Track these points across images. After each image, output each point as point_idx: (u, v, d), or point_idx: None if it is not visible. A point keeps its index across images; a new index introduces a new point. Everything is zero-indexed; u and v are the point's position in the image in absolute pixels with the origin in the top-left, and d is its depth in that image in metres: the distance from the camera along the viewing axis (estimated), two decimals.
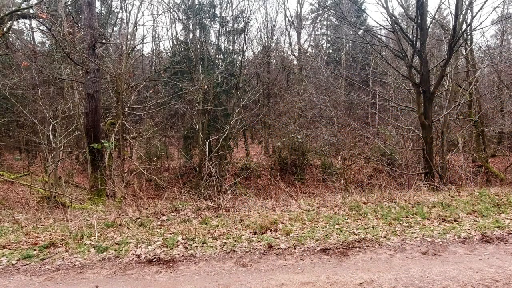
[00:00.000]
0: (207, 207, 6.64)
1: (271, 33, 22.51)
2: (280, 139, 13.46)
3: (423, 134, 10.74)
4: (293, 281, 3.60)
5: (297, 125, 14.31)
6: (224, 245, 4.76)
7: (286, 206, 6.76)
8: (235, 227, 5.46)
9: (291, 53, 23.68)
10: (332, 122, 14.70)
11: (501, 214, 5.98)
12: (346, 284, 3.51)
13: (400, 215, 5.91)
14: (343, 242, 4.76)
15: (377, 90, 16.79)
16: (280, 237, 5.00)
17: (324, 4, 19.29)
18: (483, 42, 21.67)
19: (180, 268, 4.09)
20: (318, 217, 5.92)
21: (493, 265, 3.93)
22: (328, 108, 15.07)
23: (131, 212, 6.37)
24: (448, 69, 11.55)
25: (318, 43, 27.77)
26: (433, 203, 6.43)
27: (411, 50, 11.46)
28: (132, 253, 4.57)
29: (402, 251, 4.46)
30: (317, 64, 17.45)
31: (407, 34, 11.80)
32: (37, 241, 4.95)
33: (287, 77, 20.69)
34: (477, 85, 14.14)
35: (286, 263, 4.14)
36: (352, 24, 14.32)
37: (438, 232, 5.11)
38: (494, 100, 15.92)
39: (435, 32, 16.35)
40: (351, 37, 16.84)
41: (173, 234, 5.22)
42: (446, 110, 11.82)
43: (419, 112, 10.77)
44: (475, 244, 4.67)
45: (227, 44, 22.98)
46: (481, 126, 13.89)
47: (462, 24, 10.67)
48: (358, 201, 6.70)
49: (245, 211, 6.34)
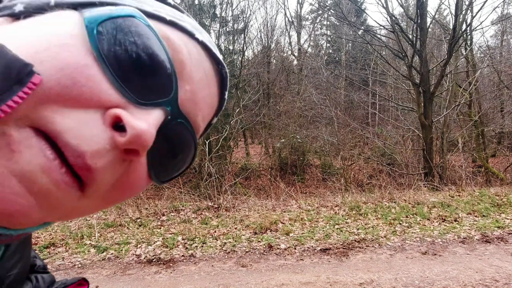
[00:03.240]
0: (207, 207, 6.65)
1: (271, 33, 22.53)
2: (279, 139, 13.46)
3: (423, 134, 10.75)
4: (293, 281, 3.60)
5: (297, 125, 14.30)
6: (224, 245, 4.76)
7: (286, 206, 6.77)
8: (235, 227, 5.46)
9: (291, 53, 23.71)
10: (332, 122, 14.69)
11: (501, 214, 5.98)
12: (346, 284, 3.51)
13: (400, 215, 5.91)
14: (343, 242, 4.76)
15: (377, 90, 16.78)
16: (280, 237, 5.00)
17: (324, 4, 19.29)
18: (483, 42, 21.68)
19: (180, 268, 4.09)
20: (318, 217, 5.92)
21: (493, 265, 3.93)
22: (328, 108, 15.07)
23: (131, 212, 6.37)
24: (448, 69, 11.55)
25: (318, 43, 27.78)
26: (433, 203, 6.43)
27: (411, 50, 11.47)
28: (132, 253, 4.57)
29: (402, 251, 4.46)
30: (317, 64, 17.46)
31: (407, 34, 11.81)
32: (37, 241, 4.95)
33: (287, 77, 20.71)
34: (477, 85, 14.14)
35: (286, 263, 4.14)
36: (352, 24, 14.32)
37: (438, 232, 5.11)
38: (494, 100, 15.91)
39: (435, 32, 16.35)
40: (351, 37, 16.84)
41: (173, 234, 5.22)
42: (446, 110, 11.82)
43: (419, 112, 10.78)
44: (475, 244, 4.67)
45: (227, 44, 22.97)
46: (481, 126, 13.89)
47: (462, 24, 10.69)
48: (358, 201, 6.71)
49: (245, 211, 6.35)
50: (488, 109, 15.80)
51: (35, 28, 0.33)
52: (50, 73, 0.29)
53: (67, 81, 0.29)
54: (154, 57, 0.34)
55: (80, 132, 0.30)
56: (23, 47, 0.30)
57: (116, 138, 0.31)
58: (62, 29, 0.32)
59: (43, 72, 0.29)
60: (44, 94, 0.29)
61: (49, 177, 0.29)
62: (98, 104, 0.31)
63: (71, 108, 0.30)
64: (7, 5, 0.36)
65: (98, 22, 0.33)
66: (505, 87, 14.66)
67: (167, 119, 0.35)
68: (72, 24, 0.33)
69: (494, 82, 16.70)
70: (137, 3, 0.38)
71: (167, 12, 0.40)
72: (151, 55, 0.34)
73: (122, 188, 0.36)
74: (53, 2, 0.35)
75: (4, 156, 0.27)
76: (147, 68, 0.34)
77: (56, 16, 0.34)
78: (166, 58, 0.35)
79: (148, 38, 0.34)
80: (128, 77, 0.33)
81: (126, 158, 0.33)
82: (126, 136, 0.31)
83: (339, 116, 14.98)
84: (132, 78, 0.33)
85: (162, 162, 0.39)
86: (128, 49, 0.33)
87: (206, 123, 0.45)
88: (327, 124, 14.98)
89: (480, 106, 14.70)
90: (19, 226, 0.32)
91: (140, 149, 0.32)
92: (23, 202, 0.29)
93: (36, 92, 0.28)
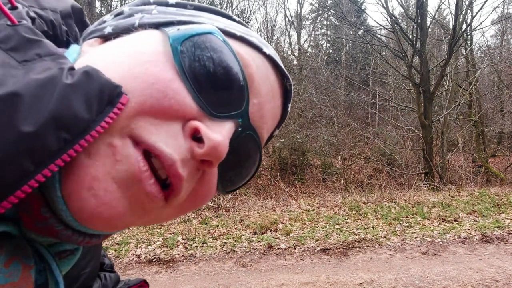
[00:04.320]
0: (207, 207, 6.65)
1: (271, 33, 22.52)
2: (279, 139, 13.45)
3: (423, 134, 10.75)
4: (293, 281, 3.60)
5: (297, 125, 14.29)
6: (224, 245, 4.76)
7: (286, 206, 6.77)
8: (235, 227, 5.46)
9: (291, 53, 23.71)
10: (332, 122, 14.67)
11: (501, 214, 5.98)
12: (346, 284, 3.51)
13: (400, 215, 5.91)
14: (343, 242, 4.76)
15: (377, 90, 16.77)
16: (280, 237, 5.00)
17: (324, 4, 19.28)
18: (483, 42, 21.66)
19: (180, 268, 4.09)
20: (318, 217, 5.92)
21: (493, 265, 3.93)
22: (328, 108, 15.06)
23: None
24: (448, 69, 11.55)
25: (318, 43, 27.78)
26: (433, 203, 6.43)
27: (411, 50, 11.47)
28: (132, 253, 4.58)
29: (402, 251, 4.46)
30: (317, 64, 17.45)
31: (407, 34, 11.81)
32: None
33: None
34: (477, 85, 14.13)
35: (286, 263, 4.14)
36: (352, 24, 14.32)
37: (438, 232, 5.11)
38: (494, 100, 15.89)
39: (435, 32, 16.35)
40: (351, 37, 16.83)
41: (173, 234, 5.22)
42: (446, 110, 11.82)
43: (419, 112, 10.78)
44: (475, 244, 4.67)
45: None
46: (481, 126, 13.87)
47: (462, 24, 10.69)
48: (358, 201, 6.71)
49: (245, 211, 6.35)
50: (488, 109, 15.79)
51: (125, 46, 0.36)
52: (143, 87, 0.32)
53: (158, 94, 0.32)
54: (229, 71, 0.36)
55: (171, 142, 0.32)
56: (117, 64, 0.33)
57: (194, 149, 0.33)
58: (149, 47, 0.35)
59: (137, 87, 0.32)
60: (140, 106, 0.31)
61: (140, 185, 0.31)
62: (182, 116, 0.34)
63: (161, 120, 0.32)
64: (98, 28, 0.40)
65: (182, 40, 0.35)
66: (505, 87, 14.66)
67: (238, 131, 0.37)
68: (157, 42, 0.36)
69: (494, 82, 16.69)
70: (210, 21, 0.41)
71: (236, 28, 0.42)
72: (226, 69, 0.36)
73: (196, 197, 0.38)
74: (137, 23, 0.39)
75: (109, 164, 0.30)
76: (223, 82, 0.36)
77: (141, 35, 0.37)
78: (239, 71, 0.37)
79: (224, 53, 0.36)
80: (205, 90, 0.35)
81: (200, 168, 0.35)
82: (203, 148, 0.33)
83: (339, 116, 14.97)
84: (209, 91, 0.35)
85: (230, 172, 0.41)
86: (206, 64, 0.35)
87: (269, 134, 0.46)
88: (327, 124, 14.96)
89: (480, 106, 14.69)
90: (113, 230, 0.35)
91: (215, 161, 0.34)
92: (120, 208, 0.31)
93: (130, 105, 0.31)
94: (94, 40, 0.39)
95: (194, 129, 0.33)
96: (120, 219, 0.32)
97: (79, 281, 0.51)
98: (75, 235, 0.34)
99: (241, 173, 0.42)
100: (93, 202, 0.30)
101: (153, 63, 0.33)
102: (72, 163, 0.29)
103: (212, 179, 0.38)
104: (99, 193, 0.30)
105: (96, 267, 0.56)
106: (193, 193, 0.37)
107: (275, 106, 0.44)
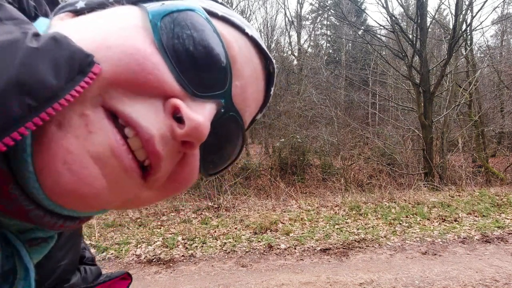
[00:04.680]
0: (207, 207, 6.65)
1: (271, 33, 22.51)
2: (279, 139, 13.45)
3: (423, 134, 10.75)
4: (293, 281, 3.60)
5: (297, 125, 14.28)
6: (224, 245, 4.76)
7: (286, 206, 6.76)
8: (235, 227, 5.46)
9: (291, 53, 23.70)
10: (332, 122, 14.67)
11: (501, 214, 5.98)
12: (346, 284, 3.51)
13: (400, 215, 5.91)
14: (343, 242, 4.76)
15: (377, 90, 16.76)
16: (280, 237, 5.00)
17: (324, 4, 19.28)
18: (483, 42, 21.66)
19: (180, 268, 4.09)
20: (318, 217, 5.92)
21: (493, 265, 3.93)
22: (328, 108, 15.05)
23: (131, 212, 6.37)
24: (448, 69, 11.54)
25: (318, 43, 27.78)
26: (433, 203, 6.43)
27: (411, 50, 11.46)
28: (132, 253, 4.57)
29: (402, 251, 4.46)
30: (317, 64, 17.44)
31: (407, 34, 11.81)
32: None
33: (287, 77, 20.70)
34: (477, 85, 14.12)
35: (286, 263, 4.14)
36: (352, 24, 14.32)
37: (438, 232, 5.11)
38: (494, 100, 15.88)
39: (435, 32, 16.34)
40: (351, 37, 16.83)
41: (173, 234, 5.22)
42: (446, 110, 11.81)
43: (419, 112, 10.78)
44: (475, 244, 4.67)
45: None
46: (481, 126, 13.87)
47: (462, 24, 10.68)
48: (358, 201, 6.70)
49: (245, 211, 6.35)
50: (488, 109, 15.78)
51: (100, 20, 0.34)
52: (120, 57, 0.30)
53: (136, 66, 0.30)
54: (211, 50, 0.35)
55: (148, 116, 0.31)
56: (89, 36, 0.31)
57: (175, 129, 0.32)
58: (128, 22, 0.34)
59: (112, 56, 0.30)
60: (114, 76, 0.30)
61: (118, 160, 0.30)
62: (161, 93, 0.32)
63: (138, 94, 0.31)
64: (70, 3, 0.38)
65: (162, 16, 0.34)
66: (505, 87, 14.66)
67: (220, 112, 0.36)
68: (136, 17, 0.34)
69: (494, 82, 16.69)
70: (193, 0, 0.39)
71: (218, 8, 0.40)
72: (208, 48, 0.35)
73: (177, 180, 0.37)
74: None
75: (82, 136, 0.29)
76: (204, 61, 0.34)
77: (118, 10, 0.36)
78: (222, 51, 0.36)
79: (205, 32, 0.35)
80: (186, 68, 0.33)
81: (181, 150, 0.34)
82: (184, 128, 0.32)
83: (339, 116, 14.97)
84: (191, 69, 0.34)
85: (211, 154, 0.39)
86: (186, 42, 0.34)
87: (251, 118, 0.45)
88: (327, 124, 14.95)
89: (480, 106, 14.69)
90: (88, 209, 0.33)
91: (196, 142, 0.33)
92: (97, 184, 0.30)
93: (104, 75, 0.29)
94: (65, 14, 0.37)
95: (174, 107, 0.32)
96: (96, 197, 0.30)
97: (56, 274, 0.48)
98: (47, 216, 0.32)
99: (224, 155, 0.41)
100: (68, 176, 0.28)
101: (131, 36, 0.32)
102: (43, 136, 0.28)
103: (194, 162, 0.36)
104: (74, 168, 0.28)
105: (75, 260, 0.54)
106: (174, 176, 0.36)
107: (258, 89, 0.43)
